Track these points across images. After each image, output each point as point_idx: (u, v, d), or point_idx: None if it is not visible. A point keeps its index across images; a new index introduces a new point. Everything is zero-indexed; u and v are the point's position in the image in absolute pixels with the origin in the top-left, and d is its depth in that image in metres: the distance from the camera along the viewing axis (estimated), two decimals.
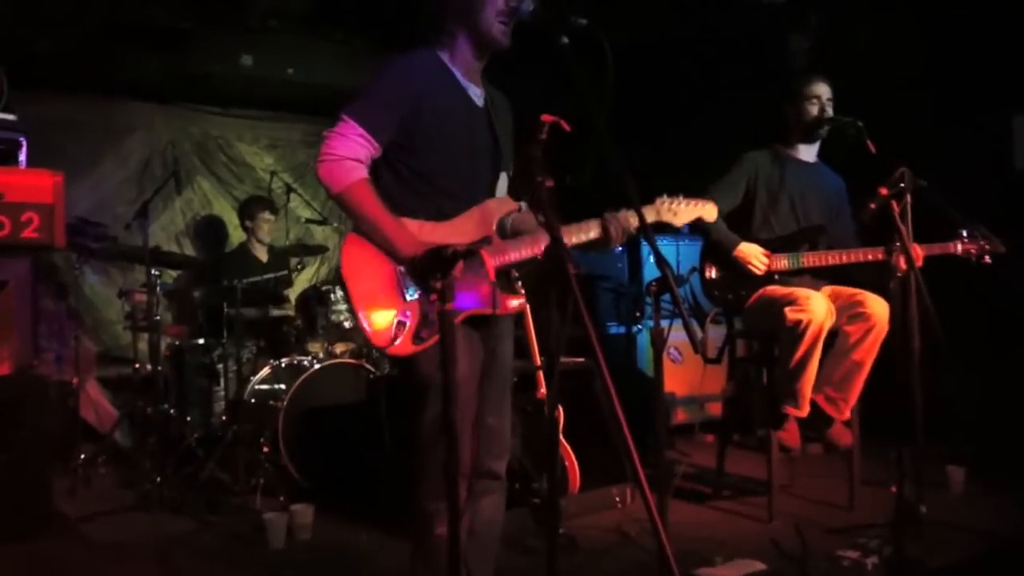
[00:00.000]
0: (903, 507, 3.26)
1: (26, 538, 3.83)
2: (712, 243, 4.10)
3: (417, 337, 2.42)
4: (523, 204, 2.72)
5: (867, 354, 3.78)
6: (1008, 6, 4.99)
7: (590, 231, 2.59)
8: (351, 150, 2.42)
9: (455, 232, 2.51)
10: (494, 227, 2.58)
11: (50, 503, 4.05)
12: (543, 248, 2.51)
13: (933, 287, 3.35)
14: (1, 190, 3.59)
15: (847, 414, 3.86)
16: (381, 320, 2.40)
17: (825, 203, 4.16)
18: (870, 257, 3.82)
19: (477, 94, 2.64)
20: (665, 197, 2.72)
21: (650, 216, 2.66)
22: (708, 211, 2.76)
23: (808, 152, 4.19)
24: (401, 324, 2.40)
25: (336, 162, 2.40)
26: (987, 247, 3.80)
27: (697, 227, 4.11)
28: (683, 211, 2.72)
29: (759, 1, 5.82)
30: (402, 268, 2.42)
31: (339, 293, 5.03)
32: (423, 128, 2.49)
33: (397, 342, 2.39)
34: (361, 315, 2.41)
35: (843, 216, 4.20)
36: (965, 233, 3.81)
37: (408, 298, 2.43)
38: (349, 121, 2.43)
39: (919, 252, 3.66)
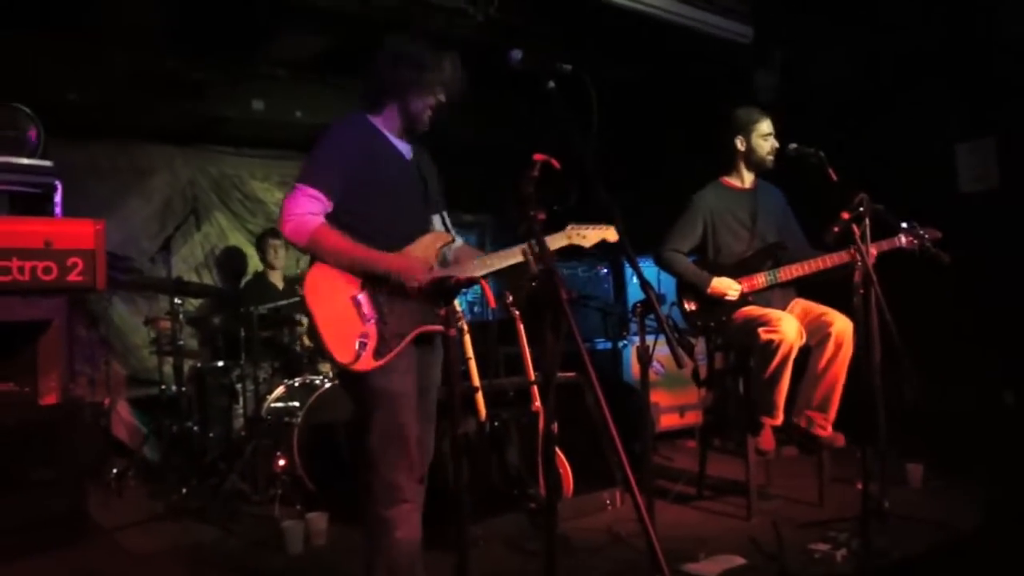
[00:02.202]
0: (868, 502, 3.28)
1: (65, 546, 3.84)
2: (687, 283, 4.09)
3: (377, 354, 2.51)
4: (457, 237, 2.83)
5: (838, 374, 3.80)
6: (952, 53, 5.11)
7: (513, 257, 2.66)
8: (304, 206, 2.52)
9: None
10: (433, 258, 2.69)
11: (86, 514, 4.06)
12: (476, 275, 2.67)
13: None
14: (49, 238, 3.61)
15: (829, 430, 3.86)
16: (344, 340, 2.49)
17: (775, 221, 4.16)
18: (829, 264, 3.84)
19: (406, 149, 2.78)
20: (574, 224, 2.80)
21: (561, 241, 2.76)
22: (609, 234, 2.83)
23: (749, 179, 4.21)
24: (363, 344, 2.49)
25: (294, 219, 2.50)
26: (927, 236, 3.78)
27: (670, 272, 4.13)
28: (590, 235, 2.82)
29: (725, 40, 5.87)
30: (358, 296, 2.52)
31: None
32: (364, 179, 2.61)
33: (360, 359, 2.48)
34: (326, 336, 2.49)
35: (792, 226, 4.21)
36: (905, 226, 3.79)
37: (366, 322, 2.52)
38: (300, 186, 2.54)
39: (872, 251, 3.62)
